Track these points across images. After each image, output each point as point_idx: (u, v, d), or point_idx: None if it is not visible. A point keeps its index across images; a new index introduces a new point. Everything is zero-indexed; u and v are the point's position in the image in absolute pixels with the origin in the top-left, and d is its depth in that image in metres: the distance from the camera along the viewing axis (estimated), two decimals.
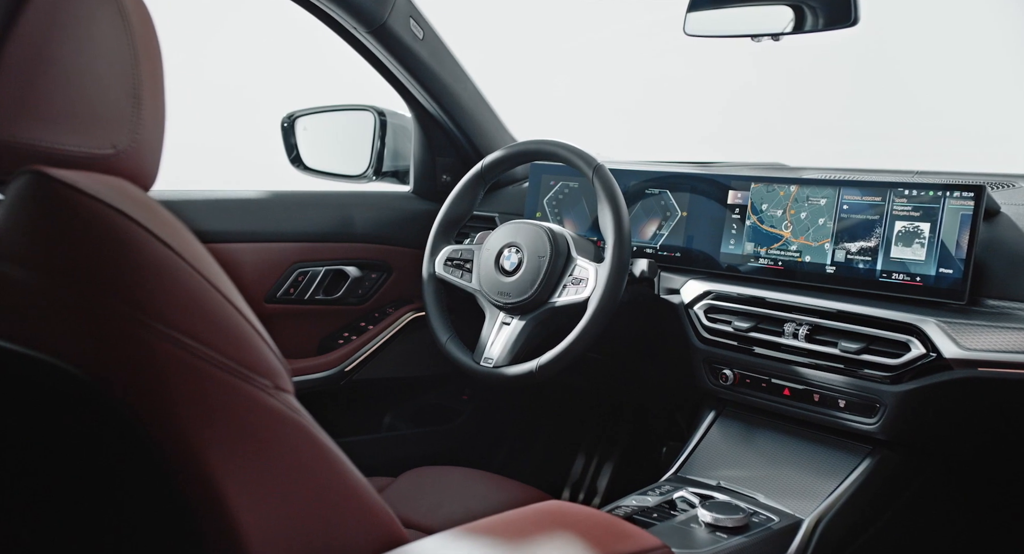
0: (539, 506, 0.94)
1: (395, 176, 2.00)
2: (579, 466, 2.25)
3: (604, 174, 1.49)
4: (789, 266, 1.46)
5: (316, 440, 0.76)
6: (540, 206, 1.83)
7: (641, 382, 1.98)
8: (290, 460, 0.73)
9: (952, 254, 1.27)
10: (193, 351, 0.65)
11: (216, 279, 0.71)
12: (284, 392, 0.74)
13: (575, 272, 1.50)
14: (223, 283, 0.72)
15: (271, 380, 0.71)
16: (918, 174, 1.60)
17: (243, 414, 0.69)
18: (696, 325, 1.52)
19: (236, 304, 0.71)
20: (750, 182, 1.54)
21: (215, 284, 0.70)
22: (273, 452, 0.72)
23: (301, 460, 0.74)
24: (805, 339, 1.37)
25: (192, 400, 0.65)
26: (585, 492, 2.18)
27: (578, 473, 2.25)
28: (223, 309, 0.70)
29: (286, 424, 0.72)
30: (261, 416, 0.71)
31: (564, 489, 2.23)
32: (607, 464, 2.22)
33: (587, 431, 2.27)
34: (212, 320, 0.69)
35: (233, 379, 0.67)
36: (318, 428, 0.77)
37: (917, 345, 1.24)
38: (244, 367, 0.68)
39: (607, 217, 1.46)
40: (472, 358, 1.56)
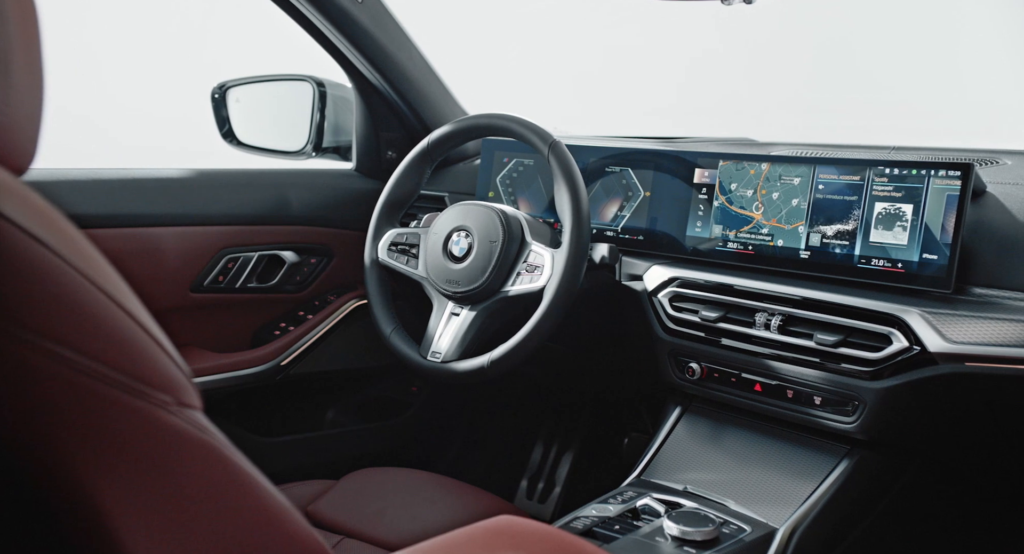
0: (489, 523, 0.84)
1: (336, 152, 1.86)
2: (536, 460, 2.15)
3: (560, 151, 1.37)
4: (760, 251, 1.36)
5: (228, 462, 0.65)
6: (493, 185, 1.71)
7: (602, 374, 1.88)
8: (197, 487, 0.63)
9: (937, 238, 1.18)
10: (74, 365, 0.54)
11: (103, 280, 0.59)
12: (189, 408, 0.63)
13: (530, 258, 1.39)
14: (112, 284, 0.60)
15: (172, 395, 0.61)
16: (896, 150, 1.51)
17: (138, 437, 0.58)
18: (660, 314, 1.43)
19: (128, 308, 0.60)
20: (718, 160, 1.43)
21: (101, 286, 0.59)
22: (175, 479, 0.61)
23: (210, 486, 0.64)
24: (778, 330, 1.27)
25: (74, 423, 0.55)
26: (542, 490, 2.09)
27: (535, 466, 2.16)
28: (111, 314, 0.58)
29: (191, 445, 0.62)
30: (160, 438, 0.60)
31: (521, 484, 2.14)
32: (565, 457, 2.13)
33: (544, 423, 2.17)
34: (97, 328, 0.57)
35: (125, 396, 0.57)
36: (231, 448, 0.66)
37: (899, 338, 1.15)
38: (138, 382, 0.57)
39: (564, 198, 1.35)
40: (418, 352, 1.45)
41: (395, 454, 1.92)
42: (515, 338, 1.34)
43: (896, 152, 1.51)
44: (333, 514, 1.33)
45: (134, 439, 0.58)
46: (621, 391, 2.03)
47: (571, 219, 1.34)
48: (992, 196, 1.24)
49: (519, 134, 1.42)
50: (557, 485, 2.12)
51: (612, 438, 2.09)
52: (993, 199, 1.24)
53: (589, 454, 2.13)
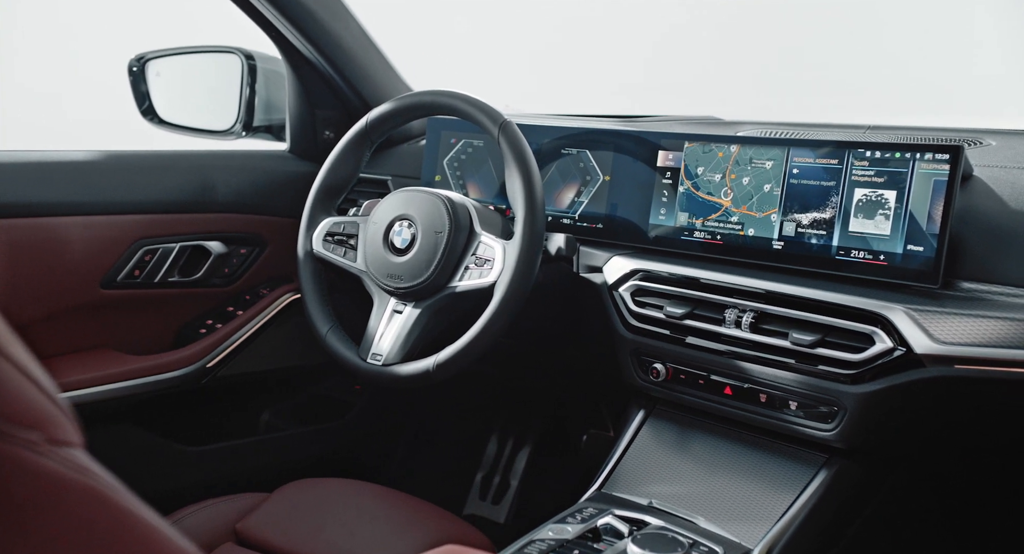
0: None
1: (268, 132, 1.72)
2: (489, 458, 2.05)
3: (512, 132, 1.26)
4: (729, 241, 1.27)
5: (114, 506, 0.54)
6: (439, 168, 1.59)
7: (560, 371, 1.78)
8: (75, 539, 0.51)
9: (923, 228, 1.09)
10: None
11: None
12: (65, 446, 0.52)
13: (479, 250, 1.27)
14: None
15: (43, 431, 0.50)
16: (871, 130, 1.42)
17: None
18: (621, 310, 1.32)
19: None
20: (683, 141, 1.33)
21: None
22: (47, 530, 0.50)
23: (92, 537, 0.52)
24: (749, 328, 1.18)
25: None
26: (496, 489, 1.99)
27: (489, 465, 2.06)
28: None
29: (67, 489, 0.51)
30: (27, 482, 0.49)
31: (473, 483, 2.04)
32: (520, 455, 2.03)
33: (498, 419, 2.07)
34: None
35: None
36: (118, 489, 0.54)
37: (882, 337, 1.06)
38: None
39: (516, 185, 1.24)
40: (358, 354, 1.33)
41: (337, 459, 1.80)
42: (463, 339, 1.23)
43: (871, 132, 1.42)
44: (263, 532, 1.22)
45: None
46: (580, 388, 1.93)
47: (524, 208, 1.23)
48: (979, 181, 1.16)
49: (466, 113, 1.30)
50: (512, 484, 2.02)
51: (570, 435, 2.00)
52: (981, 184, 1.15)
53: (545, 452, 2.04)
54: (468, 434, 2.09)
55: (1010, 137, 1.30)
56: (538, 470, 2.03)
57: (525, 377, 1.94)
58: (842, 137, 1.38)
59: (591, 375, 1.75)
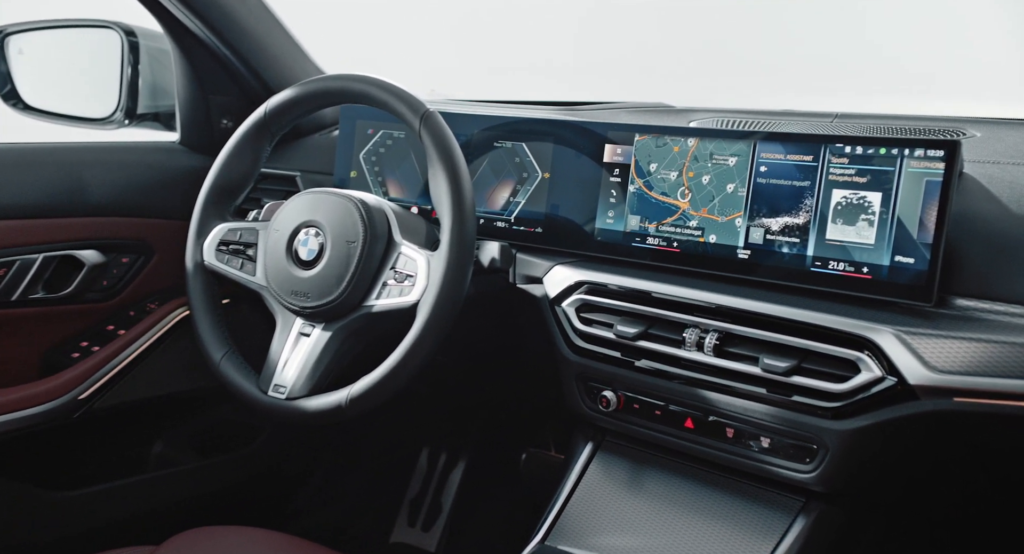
0: None
1: (156, 120, 1.52)
2: (418, 481, 1.90)
3: (435, 125, 1.09)
4: (688, 249, 1.12)
5: None
6: (355, 163, 1.41)
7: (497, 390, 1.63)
8: None
9: (913, 236, 0.96)
10: None
11: None
12: None
13: (399, 264, 1.10)
14: None
15: None
16: (839, 118, 1.30)
17: None
18: (565, 328, 1.17)
19: None
20: (633, 133, 1.18)
21: None
22: None
23: None
24: (713, 352, 1.03)
25: None
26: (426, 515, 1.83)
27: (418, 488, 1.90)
28: None
29: None
30: None
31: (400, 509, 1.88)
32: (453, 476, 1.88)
33: (428, 437, 1.91)
34: None
35: None
36: None
37: (869, 365, 0.93)
38: None
39: (441, 187, 1.07)
40: (257, 385, 1.15)
41: (245, 493, 1.62)
42: (380, 369, 1.06)
43: (840, 120, 1.30)
44: None
45: None
46: (520, 402, 1.78)
47: (451, 214, 1.06)
48: (972, 180, 1.03)
49: (382, 102, 1.12)
50: (443, 509, 1.87)
51: (508, 454, 1.86)
52: (974, 184, 1.03)
53: (481, 472, 1.89)
54: (395, 453, 1.93)
55: (997, 127, 1.18)
56: (473, 492, 1.88)
57: (458, 393, 1.78)
58: (813, 128, 1.25)
59: (532, 391, 1.60)
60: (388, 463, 1.94)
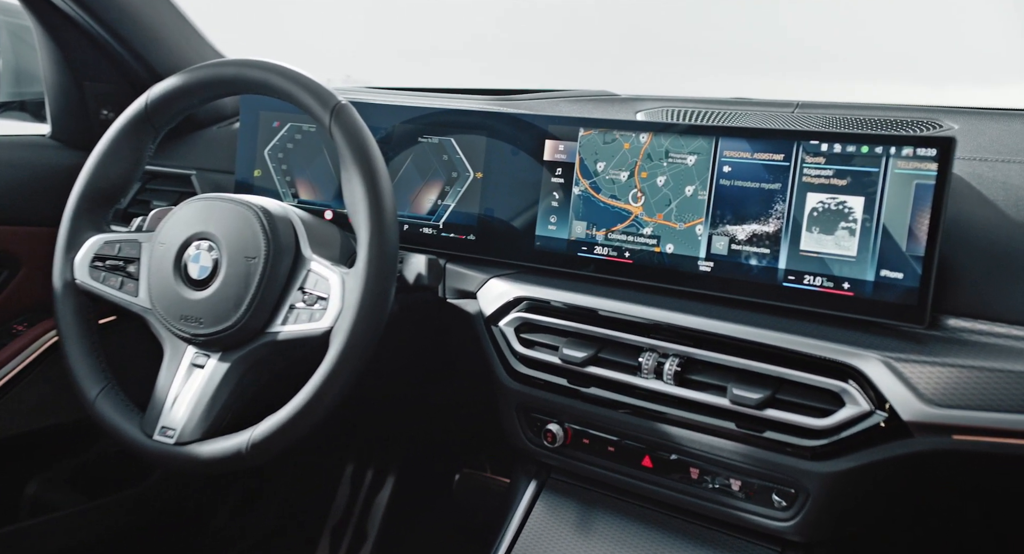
0: None
1: (22, 109, 1.33)
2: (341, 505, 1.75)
3: (348, 119, 0.94)
4: (642, 260, 1.00)
5: None
6: (259, 160, 1.25)
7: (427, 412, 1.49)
8: None
9: (901, 248, 0.85)
10: None
11: None
12: None
13: (308, 283, 0.95)
14: None
15: None
16: (800, 108, 1.19)
17: None
18: (503, 351, 1.04)
19: None
20: (577, 127, 1.05)
21: None
22: None
23: None
24: (674, 380, 0.92)
25: None
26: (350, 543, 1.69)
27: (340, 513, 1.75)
28: None
29: None
30: None
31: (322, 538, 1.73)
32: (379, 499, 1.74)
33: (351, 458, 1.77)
34: None
35: None
36: None
37: (855, 397, 0.82)
38: None
39: (357, 191, 0.92)
40: (140, 426, 0.99)
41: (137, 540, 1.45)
42: (288, 408, 0.92)
43: (802, 110, 1.19)
44: None
45: None
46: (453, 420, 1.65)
47: (368, 223, 0.91)
48: (959, 180, 0.93)
49: (285, 92, 0.97)
50: (369, 537, 1.73)
51: (440, 475, 1.73)
52: (962, 185, 0.92)
53: (410, 495, 1.76)
54: (315, 474, 1.78)
55: (976, 118, 1.09)
56: (402, 516, 1.74)
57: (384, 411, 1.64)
58: (773, 120, 1.14)
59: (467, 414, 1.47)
60: (306, 488, 1.78)
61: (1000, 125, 1.05)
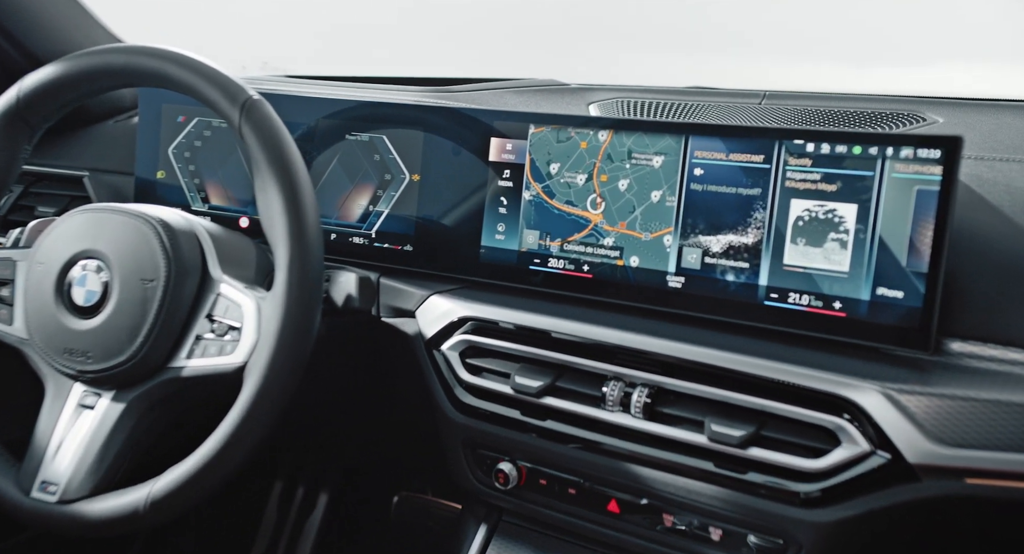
0: None
1: None
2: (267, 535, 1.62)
3: (262, 117, 0.81)
4: (603, 274, 0.89)
5: None
6: (162, 160, 1.11)
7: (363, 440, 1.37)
8: None
9: (901, 263, 0.76)
10: None
11: None
12: None
13: (218, 309, 0.82)
14: None
15: None
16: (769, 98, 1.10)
17: None
18: (447, 380, 0.93)
19: None
20: (527, 123, 0.94)
21: None
22: None
23: None
24: (643, 413, 0.81)
25: None
26: None
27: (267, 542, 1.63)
28: None
29: None
30: None
31: None
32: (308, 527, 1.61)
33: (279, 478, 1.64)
34: None
35: None
36: None
37: (852, 435, 0.73)
38: None
39: (273, 202, 0.80)
40: (16, 481, 0.85)
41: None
42: (194, 459, 0.79)
43: (770, 101, 1.10)
44: None
45: None
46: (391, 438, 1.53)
47: (288, 239, 0.79)
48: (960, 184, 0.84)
49: (185, 84, 0.83)
50: None
51: (378, 498, 1.61)
52: (960, 187, 0.83)
53: (344, 519, 1.63)
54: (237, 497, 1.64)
55: (962, 110, 1.00)
56: (335, 543, 1.62)
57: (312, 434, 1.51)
58: (739, 113, 1.04)
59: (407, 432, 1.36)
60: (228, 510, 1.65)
61: (991, 118, 0.97)
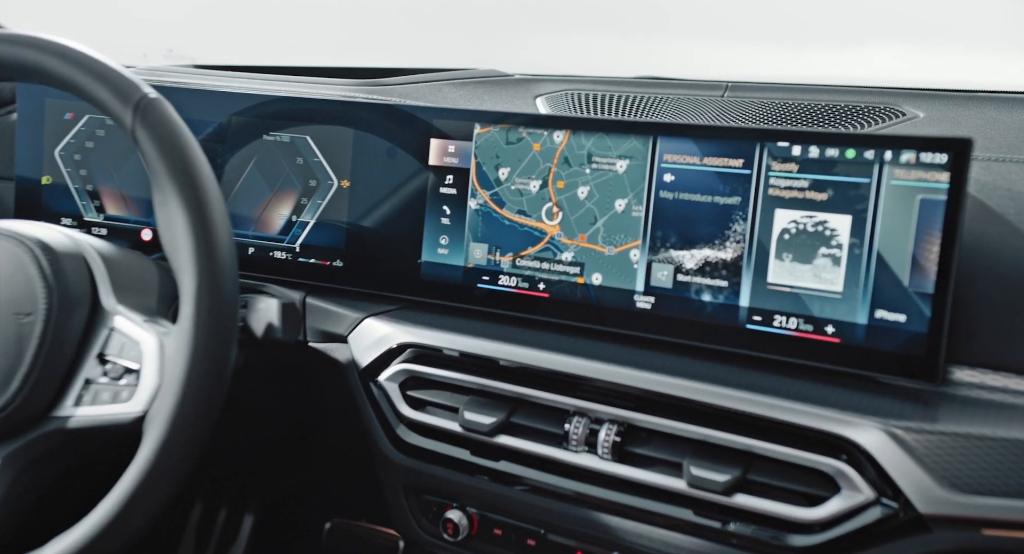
0: None
1: None
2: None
3: (160, 118, 0.69)
4: (561, 294, 0.80)
5: None
6: (47, 163, 0.97)
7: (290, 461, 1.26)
8: None
9: (902, 282, 0.68)
10: None
11: None
12: None
13: (112, 347, 0.70)
14: None
15: None
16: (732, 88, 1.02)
17: None
18: (386, 415, 0.82)
19: None
20: (472, 122, 0.83)
21: None
22: None
23: None
24: (611, 453, 0.72)
25: None
26: None
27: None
28: None
29: None
30: None
31: None
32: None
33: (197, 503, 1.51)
34: None
35: None
36: None
37: (852, 479, 0.64)
38: None
39: (176, 220, 0.68)
40: None
41: None
42: (85, 527, 0.67)
43: (732, 93, 1.02)
44: None
45: None
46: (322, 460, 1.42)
47: (195, 265, 0.67)
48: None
49: (68, 81, 0.70)
50: None
51: (308, 524, 1.50)
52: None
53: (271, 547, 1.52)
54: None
55: (944, 103, 0.93)
56: None
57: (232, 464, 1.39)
58: (699, 108, 0.96)
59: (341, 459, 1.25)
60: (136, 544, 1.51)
61: (976, 112, 0.89)
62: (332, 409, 0.90)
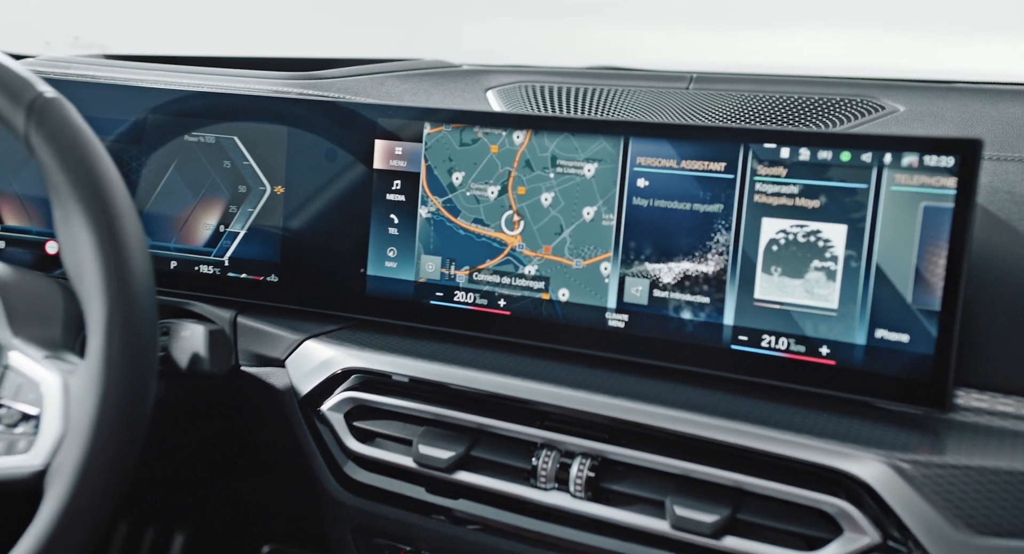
0: None
1: None
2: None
3: (58, 122, 0.60)
4: (524, 311, 0.72)
5: None
6: None
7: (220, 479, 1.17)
8: None
9: (905, 298, 0.62)
10: None
11: None
12: None
13: (6, 388, 0.61)
14: None
15: None
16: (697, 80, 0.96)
17: None
18: (330, 449, 0.74)
19: None
20: (422, 121, 0.75)
21: None
22: None
23: None
24: (584, 491, 0.65)
25: None
26: None
27: None
28: None
29: None
30: None
31: None
32: None
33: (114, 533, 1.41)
34: None
35: None
36: None
37: (855, 519, 0.58)
38: None
39: (80, 240, 0.59)
40: None
41: None
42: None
43: (698, 85, 0.96)
44: None
45: None
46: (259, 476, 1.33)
47: (104, 291, 0.58)
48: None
49: None
50: None
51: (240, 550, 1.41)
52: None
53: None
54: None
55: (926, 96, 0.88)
56: None
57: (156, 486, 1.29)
58: (664, 102, 0.89)
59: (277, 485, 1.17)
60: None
61: (958, 106, 0.85)
62: (268, 440, 0.82)
